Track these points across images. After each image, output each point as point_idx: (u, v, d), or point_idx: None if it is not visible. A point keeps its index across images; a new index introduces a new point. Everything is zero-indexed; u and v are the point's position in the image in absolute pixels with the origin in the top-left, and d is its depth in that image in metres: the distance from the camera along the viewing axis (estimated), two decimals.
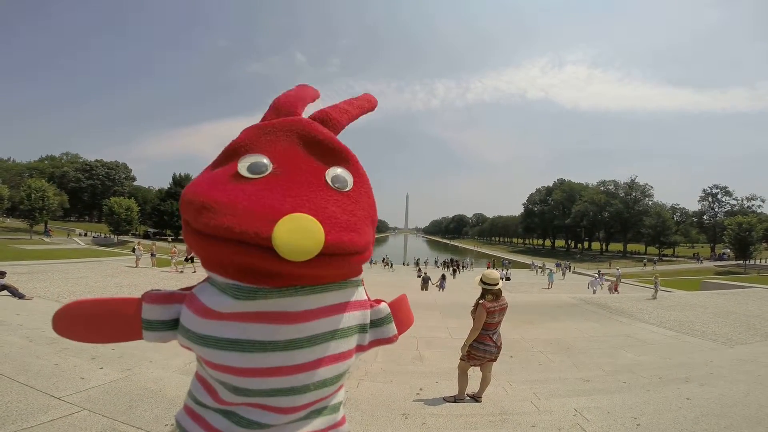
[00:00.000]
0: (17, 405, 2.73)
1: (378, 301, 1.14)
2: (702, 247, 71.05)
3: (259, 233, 0.69)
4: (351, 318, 0.99)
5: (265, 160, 0.84)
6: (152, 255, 21.00)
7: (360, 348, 1.06)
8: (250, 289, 0.80)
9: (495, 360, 4.15)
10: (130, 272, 14.83)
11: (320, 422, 1.01)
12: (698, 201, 67.89)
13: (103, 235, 50.57)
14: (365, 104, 1.18)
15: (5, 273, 9.12)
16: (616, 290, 21.18)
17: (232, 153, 0.88)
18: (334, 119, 1.05)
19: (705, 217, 66.77)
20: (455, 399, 4.08)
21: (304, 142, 0.92)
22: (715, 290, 17.25)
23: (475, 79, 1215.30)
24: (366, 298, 1.07)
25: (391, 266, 37.28)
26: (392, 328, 1.15)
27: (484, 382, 4.20)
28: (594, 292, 20.67)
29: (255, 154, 0.85)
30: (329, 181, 0.87)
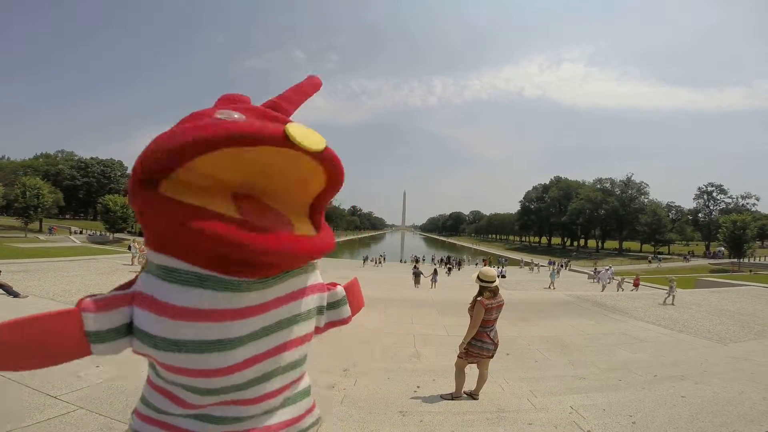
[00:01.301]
0: (14, 404, 2.73)
1: (333, 285, 1.20)
2: (697, 245, 71.51)
3: (274, 130, 0.70)
4: (310, 301, 1.02)
5: (236, 112, 0.83)
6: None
7: (317, 330, 1.10)
8: (233, 281, 0.77)
9: (492, 357, 4.17)
10: (127, 270, 14.76)
11: (297, 408, 1.05)
12: (693, 199, 68.57)
13: (98, 233, 50.37)
14: (310, 89, 1.16)
15: (0, 271, 9.06)
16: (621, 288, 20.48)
17: (201, 113, 0.86)
18: (282, 109, 1.04)
19: (700, 215, 67.31)
20: (452, 396, 4.10)
21: (261, 111, 0.94)
22: (709, 288, 17.37)
23: (472, 76, 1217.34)
24: (321, 281, 1.11)
25: (381, 263, 37.29)
26: (347, 310, 1.21)
27: (481, 380, 4.22)
28: (603, 287, 20.10)
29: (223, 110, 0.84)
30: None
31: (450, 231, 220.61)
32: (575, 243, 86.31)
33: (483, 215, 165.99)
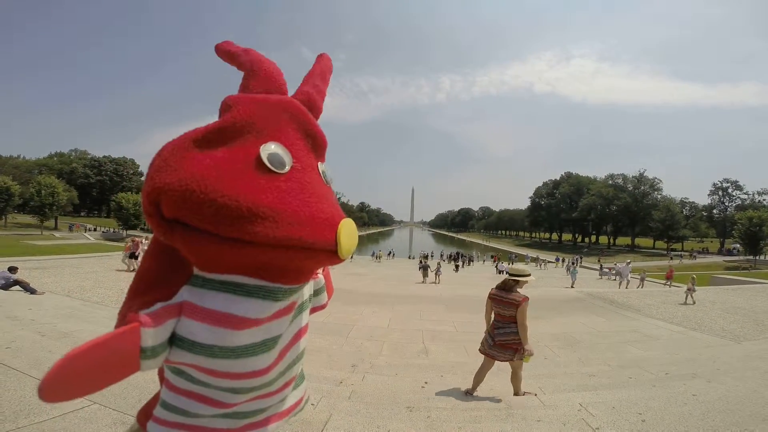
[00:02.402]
0: (30, 399, 2.78)
1: (315, 274, 1.21)
2: (711, 241, 70.35)
3: (329, 240, 0.73)
4: (309, 288, 1.07)
5: (284, 152, 0.78)
6: None
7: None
8: (275, 288, 0.80)
9: (487, 354, 4.10)
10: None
11: (299, 391, 1.13)
12: (708, 195, 67.36)
13: (112, 230, 51.18)
14: (328, 74, 1.09)
15: (17, 268, 9.26)
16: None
17: (236, 131, 0.76)
18: (316, 107, 0.99)
19: (715, 211, 66.17)
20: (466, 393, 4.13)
21: (304, 132, 0.87)
22: (724, 286, 17.08)
23: (480, 73, 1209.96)
24: None
25: (379, 259, 37.54)
26: (325, 296, 1.26)
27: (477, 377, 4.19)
28: (627, 283, 19.08)
29: (272, 142, 0.78)
30: (324, 176, 0.89)
31: (459, 227, 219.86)
32: (586, 239, 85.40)
33: (492, 211, 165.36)
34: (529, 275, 4.03)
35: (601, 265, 32.57)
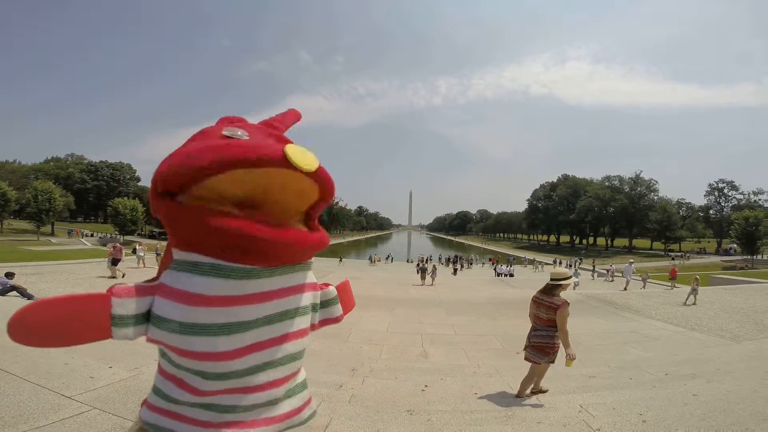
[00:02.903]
0: (29, 404, 2.76)
1: (326, 285, 1.28)
2: (708, 242, 70.60)
3: (275, 152, 0.80)
4: (307, 297, 1.10)
5: (242, 131, 0.92)
6: (157, 254, 21.15)
7: (312, 327, 1.17)
8: (245, 269, 0.86)
9: (526, 358, 4.15)
10: (135, 272, 14.94)
11: (297, 400, 1.11)
12: (704, 196, 67.62)
13: (109, 236, 50.96)
14: (293, 118, 1.28)
15: (14, 274, 9.22)
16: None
17: (209, 131, 0.97)
18: (275, 128, 1.15)
19: (711, 211, 66.46)
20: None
21: (264, 129, 1.05)
22: (722, 285, 17.14)
23: (476, 76, 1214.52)
24: (314, 281, 1.19)
25: (375, 263, 38.20)
26: (338, 309, 1.30)
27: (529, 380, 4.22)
28: (626, 285, 18.31)
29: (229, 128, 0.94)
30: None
31: (457, 230, 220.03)
32: (584, 241, 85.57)
33: (490, 214, 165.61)
34: (569, 278, 4.10)
35: (593, 267, 32.55)
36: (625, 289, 17.36)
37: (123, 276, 13.13)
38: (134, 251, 19.25)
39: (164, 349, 0.93)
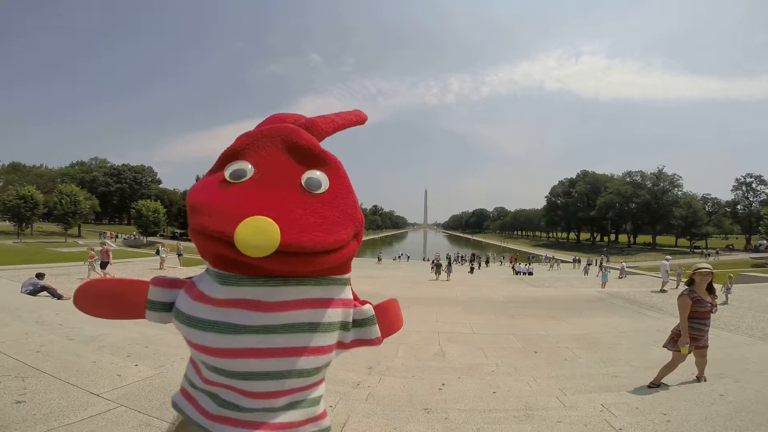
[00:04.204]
0: (59, 402, 2.86)
1: (363, 302, 1.17)
2: (736, 238, 68.26)
3: (225, 232, 0.79)
4: (333, 314, 1.03)
5: (248, 166, 0.93)
6: (179, 254, 21.62)
7: (341, 345, 1.10)
8: (230, 276, 0.91)
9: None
10: (157, 274, 15.31)
11: (299, 414, 1.04)
12: (731, 191, 65.20)
13: (133, 237, 52.36)
14: (353, 117, 1.25)
15: (44, 275, 9.58)
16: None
17: (224, 159, 0.98)
18: (318, 126, 1.11)
19: (739, 207, 63.95)
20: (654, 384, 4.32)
21: (286, 147, 0.99)
22: (751, 284, 16.54)
23: (489, 72, 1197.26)
24: (351, 297, 1.12)
25: (380, 260, 38.98)
26: (375, 330, 1.18)
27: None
28: (663, 286, 15.18)
29: (240, 161, 0.95)
30: (304, 183, 0.94)
31: (473, 228, 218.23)
32: (605, 238, 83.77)
33: (507, 211, 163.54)
34: (701, 268, 4.48)
35: (601, 264, 31.81)
36: (662, 290, 14.69)
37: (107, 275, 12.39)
38: (157, 252, 19.69)
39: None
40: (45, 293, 8.64)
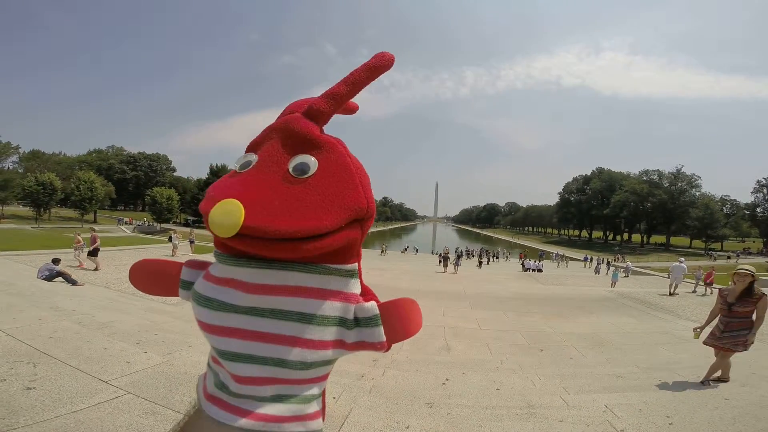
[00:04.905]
0: (68, 388, 2.93)
1: (367, 299, 1.05)
2: (753, 241, 66.71)
3: (204, 212, 0.85)
4: (329, 307, 0.96)
5: (254, 158, 0.96)
6: (191, 242, 21.89)
7: (342, 345, 1.00)
8: (223, 256, 0.99)
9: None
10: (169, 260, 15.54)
11: (284, 408, 0.98)
12: (752, 193, 63.50)
13: (147, 223, 53.26)
14: (370, 68, 1.01)
15: (60, 260, 9.81)
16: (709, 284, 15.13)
17: (246, 152, 1.04)
18: (316, 109, 1.01)
19: (758, 209, 62.32)
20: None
21: (285, 136, 0.99)
22: (765, 287, 16.13)
23: (506, 66, 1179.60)
24: (357, 291, 1.03)
25: (383, 252, 38.87)
26: (379, 333, 1.01)
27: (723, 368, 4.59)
28: (675, 287, 14.29)
29: (251, 154, 0.98)
30: (291, 169, 0.92)
31: (484, 223, 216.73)
32: (618, 237, 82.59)
33: (519, 207, 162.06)
34: (740, 270, 4.59)
35: (608, 263, 31.34)
36: (671, 293, 13.91)
37: (95, 269, 11.60)
38: (170, 239, 19.92)
39: None
40: (60, 279, 8.84)
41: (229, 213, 0.81)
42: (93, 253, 12.00)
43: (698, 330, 4.74)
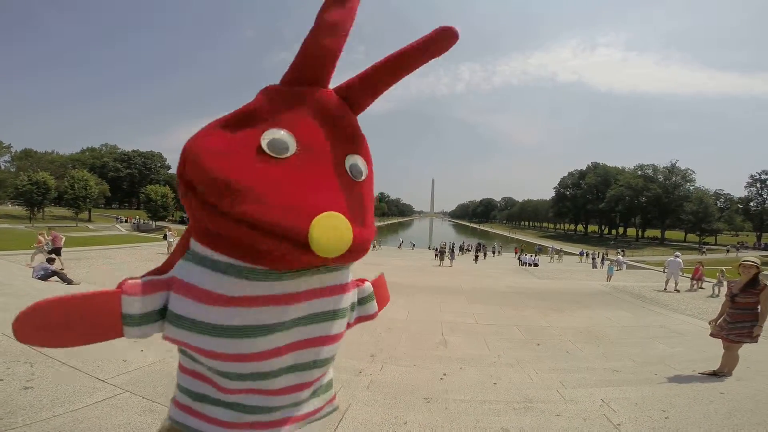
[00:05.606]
0: (66, 388, 2.91)
1: (362, 281, 1.18)
2: (747, 235, 67.31)
3: (298, 229, 0.68)
4: (348, 298, 0.99)
5: (289, 139, 0.78)
6: None
7: (348, 325, 1.08)
8: (264, 271, 0.77)
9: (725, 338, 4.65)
10: (165, 258, 15.45)
11: (319, 401, 1.05)
12: (745, 187, 63.91)
13: (142, 221, 52.99)
14: (429, 42, 0.90)
15: (55, 260, 9.74)
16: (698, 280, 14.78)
17: (249, 117, 0.80)
18: (357, 101, 0.93)
19: (752, 203, 62.76)
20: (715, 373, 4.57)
21: (327, 121, 0.85)
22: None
23: (501, 62, 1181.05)
24: (353, 278, 1.09)
25: (374, 247, 38.12)
26: (374, 306, 1.22)
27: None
28: (675, 284, 14.16)
29: (278, 129, 0.78)
30: (348, 170, 0.84)
31: (480, 218, 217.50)
32: (613, 231, 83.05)
33: (515, 202, 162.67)
34: (745, 261, 4.61)
35: (603, 257, 31.49)
36: (666, 289, 13.83)
37: (62, 269, 10.32)
38: (165, 237, 19.81)
39: (185, 347, 0.88)
40: (56, 278, 8.79)
41: (339, 230, 0.71)
42: (57, 253, 11.40)
43: (713, 323, 4.82)
